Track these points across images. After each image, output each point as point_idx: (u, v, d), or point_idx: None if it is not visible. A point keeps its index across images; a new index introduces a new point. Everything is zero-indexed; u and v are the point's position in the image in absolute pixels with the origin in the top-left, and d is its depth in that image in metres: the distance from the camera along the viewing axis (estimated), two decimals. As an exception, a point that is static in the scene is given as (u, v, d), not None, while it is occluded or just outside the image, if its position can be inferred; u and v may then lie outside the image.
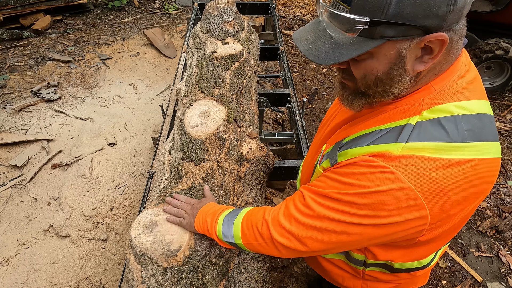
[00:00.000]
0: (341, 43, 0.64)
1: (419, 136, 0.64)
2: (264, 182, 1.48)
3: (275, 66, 4.55)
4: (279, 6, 6.17)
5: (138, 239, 1.02)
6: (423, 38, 0.59)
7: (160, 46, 4.66)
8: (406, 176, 0.62)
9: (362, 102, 0.74)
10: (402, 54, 0.62)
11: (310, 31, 0.70)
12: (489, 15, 3.59)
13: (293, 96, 2.16)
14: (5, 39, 4.65)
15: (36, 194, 2.66)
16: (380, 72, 0.66)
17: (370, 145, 0.70)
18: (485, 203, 2.78)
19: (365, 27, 0.59)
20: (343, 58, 0.63)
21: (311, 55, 0.67)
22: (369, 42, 0.61)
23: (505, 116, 3.73)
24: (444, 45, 0.60)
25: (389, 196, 0.63)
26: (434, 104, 0.67)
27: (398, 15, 0.57)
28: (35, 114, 3.46)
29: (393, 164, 0.63)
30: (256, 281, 1.11)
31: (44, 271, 2.20)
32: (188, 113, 1.47)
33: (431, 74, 0.68)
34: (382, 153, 0.66)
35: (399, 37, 0.60)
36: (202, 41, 2.00)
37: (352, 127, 0.81)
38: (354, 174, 0.68)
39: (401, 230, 0.66)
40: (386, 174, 0.63)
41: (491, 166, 0.67)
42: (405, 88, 0.68)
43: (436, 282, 2.28)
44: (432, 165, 0.62)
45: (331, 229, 0.71)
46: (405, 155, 0.63)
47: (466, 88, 0.69)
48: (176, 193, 1.19)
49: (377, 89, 0.69)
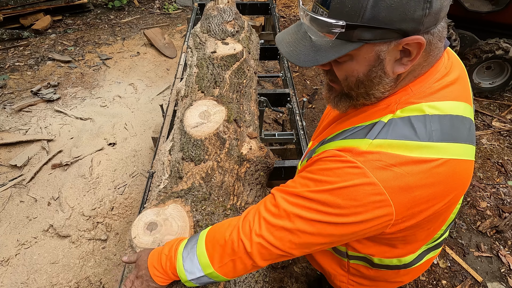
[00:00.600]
0: (321, 46, 0.65)
1: (387, 134, 0.65)
2: (264, 182, 1.48)
3: (275, 66, 4.55)
4: (279, 6, 6.17)
5: (138, 239, 1.02)
6: (400, 41, 0.61)
7: (160, 46, 4.66)
8: (371, 171, 0.63)
9: (347, 104, 0.76)
10: (380, 57, 0.64)
11: (291, 34, 0.71)
12: (489, 15, 3.59)
13: (293, 96, 2.16)
14: (5, 39, 4.65)
15: (36, 194, 2.66)
16: (360, 74, 0.68)
17: (341, 140, 0.72)
18: (485, 203, 2.78)
19: (342, 31, 0.60)
20: (322, 60, 0.65)
21: (292, 57, 0.68)
22: (348, 45, 0.63)
23: (505, 116, 3.73)
24: (421, 48, 0.61)
25: (355, 192, 0.63)
26: (408, 103, 0.68)
27: (374, 19, 0.58)
28: (35, 114, 3.46)
29: (359, 159, 0.64)
30: (256, 281, 1.11)
31: (44, 271, 2.20)
32: (188, 113, 1.47)
33: (411, 76, 0.69)
34: (349, 148, 0.67)
35: (377, 40, 0.61)
36: (202, 41, 2.00)
37: (338, 126, 0.83)
38: (322, 170, 0.69)
39: (368, 226, 0.67)
40: (353, 169, 0.64)
41: (459, 168, 0.67)
42: (386, 90, 0.70)
43: (436, 282, 2.28)
44: (397, 161, 0.63)
45: (301, 229, 0.70)
46: (371, 150, 0.64)
47: (443, 89, 0.70)
48: (175, 192, 1.19)
49: (358, 91, 0.71)
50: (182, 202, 1.15)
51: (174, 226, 1.07)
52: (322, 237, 0.70)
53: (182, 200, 1.16)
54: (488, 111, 3.79)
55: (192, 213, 1.12)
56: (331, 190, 0.66)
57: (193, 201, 1.16)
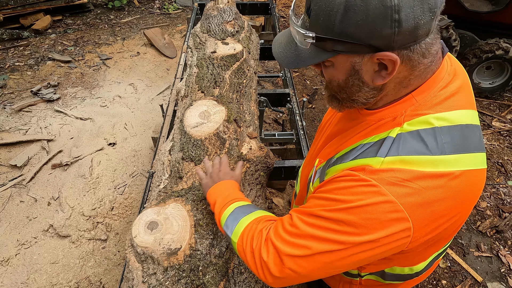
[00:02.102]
0: (302, 51, 0.69)
1: (398, 150, 0.64)
2: (264, 182, 1.48)
3: (275, 66, 4.55)
4: (279, 6, 6.17)
5: (139, 238, 1.02)
6: (374, 55, 0.61)
7: (160, 46, 4.66)
8: (387, 188, 0.62)
9: (337, 105, 0.78)
10: (355, 67, 0.65)
11: (285, 36, 0.75)
12: (489, 15, 3.59)
13: (293, 96, 2.16)
14: (5, 39, 4.65)
15: (36, 194, 2.66)
16: (340, 80, 0.70)
17: (352, 160, 0.71)
18: (485, 203, 2.78)
19: (313, 42, 0.64)
20: (302, 65, 0.69)
21: (279, 58, 0.74)
22: (324, 53, 0.66)
23: (505, 116, 3.73)
24: (395, 64, 0.61)
25: (372, 210, 0.62)
26: (415, 116, 0.67)
27: (343, 34, 0.60)
28: (35, 114, 3.46)
29: (373, 177, 0.63)
30: (256, 281, 1.11)
31: (44, 271, 2.20)
32: (188, 113, 1.47)
33: (399, 86, 0.68)
34: (362, 167, 0.67)
35: (349, 52, 0.63)
36: (202, 41, 2.00)
37: (341, 140, 0.82)
38: (336, 189, 0.69)
39: (385, 244, 0.65)
40: (368, 188, 0.63)
41: (474, 178, 0.66)
42: (369, 97, 0.70)
43: (436, 282, 2.28)
44: (412, 175, 0.62)
45: (317, 249, 0.68)
46: (384, 168, 0.64)
47: (449, 98, 0.69)
48: (176, 192, 1.19)
49: (341, 96, 0.73)
50: (182, 201, 1.15)
51: (175, 225, 1.07)
52: (338, 258, 0.68)
53: (183, 199, 1.16)
54: (488, 111, 3.79)
55: (192, 212, 1.12)
56: (347, 209, 0.64)
57: (194, 200, 1.16)
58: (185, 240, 1.04)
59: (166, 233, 1.04)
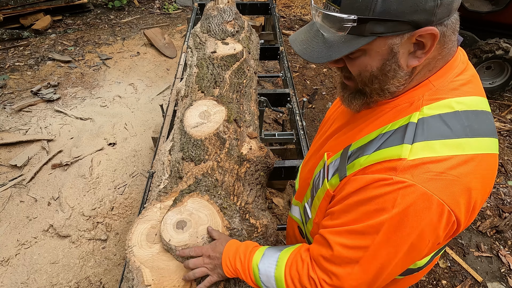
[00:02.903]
0: (333, 42, 0.65)
1: (424, 134, 0.64)
2: (264, 182, 1.48)
3: (275, 66, 4.55)
4: (279, 6, 6.17)
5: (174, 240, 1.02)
6: (413, 33, 0.60)
7: (160, 46, 4.66)
8: (424, 185, 0.61)
9: (361, 102, 0.75)
10: (393, 50, 0.63)
11: (304, 33, 0.72)
12: (489, 15, 3.59)
13: (293, 96, 2.16)
14: (5, 39, 4.65)
15: (36, 194, 2.66)
16: (374, 68, 0.67)
17: (376, 151, 0.69)
18: (485, 203, 2.78)
19: (354, 25, 0.61)
20: (335, 56, 0.65)
21: (305, 54, 0.69)
22: (360, 39, 0.63)
23: (505, 116, 3.73)
24: (435, 39, 0.60)
25: (415, 211, 0.61)
26: (434, 100, 0.67)
27: (385, 12, 0.58)
28: (35, 114, 3.46)
29: (407, 177, 0.62)
30: (256, 281, 1.11)
31: (44, 271, 2.20)
32: (188, 113, 1.47)
33: (425, 70, 0.68)
34: (391, 166, 0.64)
35: (389, 33, 0.61)
36: (202, 41, 2.00)
37: (353, 131, 0.80)
38: (372, 198, 0.65)
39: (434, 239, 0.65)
40: (406, 189, 0.61)
41: (492, 162, 0.67)
42: (401, 84, 0.68)
43: (436, 282, 2.28)
44: (445, 166, 0.61)
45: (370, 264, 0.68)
46: (415, 163, 0.62)
47: (465, 85, 0.69)
48: (185, 190, 1.19)
49: (372, 86, 0.70)
50: (198, 194, 1.16)
51: (202, 216, 1.08)
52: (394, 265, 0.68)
53: (197, 193, 1.16)
54: (488, 111, 3.79)
55: (212, 200, 1.14)
56: (391, 217, 0.63)
57: (207, 190, 1.17)
58: (219, 224, 1.06)
59: (198, 226, 1.05)
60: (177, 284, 0.97)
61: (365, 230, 0.67)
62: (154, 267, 1.00)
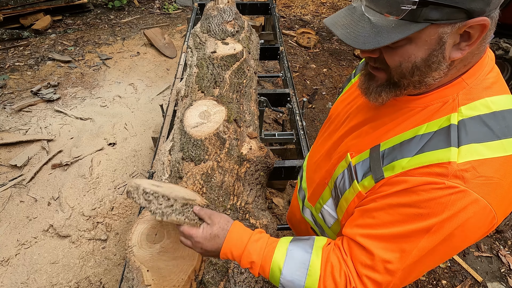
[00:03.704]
0: (382, 27, 0.61)
1: (468, 137, 0.62)
2: (264, 182, 1.48)
3: (275, 66, 4.55)
4: (279, 6, 6.17)
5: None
6: (465, 22, 0.58)
7: (160, 46, 4.66)
8: (476, 191, 0.60)
9: (391, 94, 0.71)
10: (443, 39, 0.60)
11: (345, 16, 0.67)
12: (489, 15, 3.59)
13: (293, 96, 2.16)
14: (5, 39, 4.65)
15: (36, 194, 2.66)
16: (418, 58, 0.63)
17: (419, 154, 0.66)
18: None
19: (413, 8, 0.57)
20: (385, 42, 0.61)
21: (349, 39, 0.63)
22: (412, 25, 0.59)
23: (505, 116, 3.73)
24: (484, 30, 0.59)
25: (465, 216, 0.61)
26: (470, 100, 0.65)
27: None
28: (35, 114, 3.46)
29: (459, 182, 0.60)
30: (256, 281, 1.11)
31: (44, 271, 2.20)
32: (188, 113, 1.47)
33: (461, 65, 0.66)
34: (442, 172, 0.62)
35: (443, 21, 0.57)
36: (202, 41, 2.00)
37: (379, 130, 0.77)
38: (422, 201, 0.63)
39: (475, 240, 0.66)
40: (457, 195, 0.60)
41: None
42: (440, 77, 0.66)
43: (436, 282, 2.28)
44: (493, 168, 0.61)
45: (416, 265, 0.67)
46: (466, 167, 0.61)
47: (496, 83, 0.68)
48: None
49: (412, 79, 0.66)
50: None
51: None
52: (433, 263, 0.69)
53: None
54: (488, 111, 3.79)
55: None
56: (440, 222, 0.62)
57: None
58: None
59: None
60: (177, 284, 0.97)
61: (411, 233, 0.65)
62: (154, 267, 1.00)
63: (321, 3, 6.39)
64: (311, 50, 4.98)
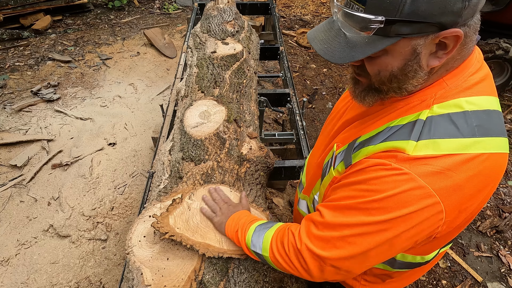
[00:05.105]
0: (356, 42, 0.65)
1: (430, 133, 0.65)
2: (264, 182, 1.48)
3: (275, 66, 4.55)
4: (279, 6, 6.17)
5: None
6: (438, 34, 0.60)
7: (160, 46, 4.66)
8: (420, 176, 0.63)
9: (375, 98, 0.75)
10: (417, 51, 0.63)
11: (324, 31, 0.71)
12: (489, 15, 3.59)
13: (293, 96, 2.16)
14: (5, 39, 4.65)
15: (36, 194, 2.66)
16: (394, 68, 0.67)
17: (382, 142, 0.71)
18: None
19: (381, 26, 0.60)
20: (359, 56, 0.64)
21: (327, 54, 0.68)
22: (384, 40, 0.62)
23: (505, 116, 3.73)
24: (458, 40, 0.60)
25: (405, 197, 0.63)
26: (445, 99, 0.67)
27: (413, 13, 0.57)
28: (35, 114, 3.46)
29: (405, 165, 0.64)
30: (256, 281, 1.11)
31: (44, 271, 2.20)
32: (188, 113, 1.47)
33: (443, 69, 0.68)
34: (394, 155, 0.66)
35: (415, 34, 0.60)
36: (202, 41, 2.00)
37: (364, 125, 0.81)
38: (368, 179, 0.68)
39: (419, 231, 0.66)
40: (401, 176, 0.64)
41: (499, 161, 0.67)
42: (419, 83, 0.68)
43: (436, 282, 2.28)
44: (445, 163, 0.62)
45: (353, 241, 0.70)
46: (417, 156, 0.64)
47: (478, 84, 0.69)
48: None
49: (391, 85, 0.70)
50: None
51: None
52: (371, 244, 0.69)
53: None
54: (488, 111, 3.79)
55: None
56: (380, 199, 0.66)
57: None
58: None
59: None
60: (177, 284, 0.97)
61: (355, 206, 0.69)
62: (154, 267, 1.00)
63: (321, 3, 6.39)
64: (311, 50, 4.98)
